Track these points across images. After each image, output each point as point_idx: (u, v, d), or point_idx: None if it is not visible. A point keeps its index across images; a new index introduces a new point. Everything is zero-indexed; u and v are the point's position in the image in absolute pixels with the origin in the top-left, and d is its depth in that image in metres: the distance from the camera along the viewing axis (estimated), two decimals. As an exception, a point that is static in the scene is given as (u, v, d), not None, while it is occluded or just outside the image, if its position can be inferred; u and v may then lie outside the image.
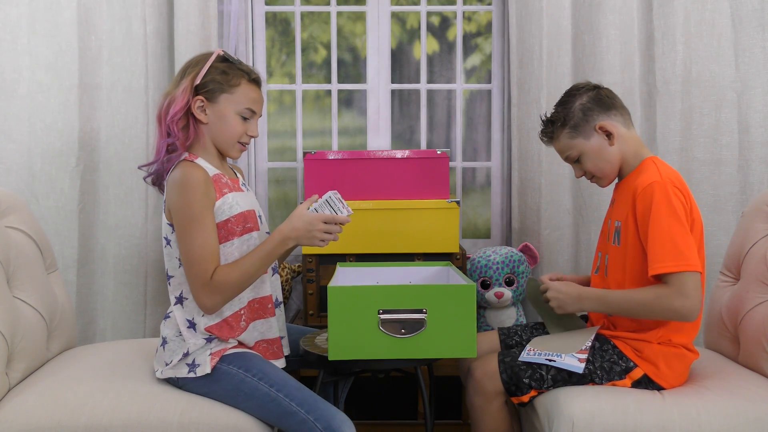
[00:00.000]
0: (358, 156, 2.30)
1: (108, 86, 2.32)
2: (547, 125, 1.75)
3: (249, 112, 1.64)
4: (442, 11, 2.70)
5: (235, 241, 1.61)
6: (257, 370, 1.53)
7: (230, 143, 1.65)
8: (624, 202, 1.67)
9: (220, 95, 1.61)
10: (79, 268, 2.29)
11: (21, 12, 2.25)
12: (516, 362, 1.63)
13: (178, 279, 1.61)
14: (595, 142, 1.69)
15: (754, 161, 2.31)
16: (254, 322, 1.63)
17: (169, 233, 1.60)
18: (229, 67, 1.63)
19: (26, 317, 1.69)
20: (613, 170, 1.71)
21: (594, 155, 1.70)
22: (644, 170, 1.65)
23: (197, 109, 1.61)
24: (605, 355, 1.63)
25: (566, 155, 1.74)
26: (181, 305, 1.60)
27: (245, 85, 1.63)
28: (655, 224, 1.55)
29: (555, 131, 1.73)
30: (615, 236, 1.69)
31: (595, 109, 1.69)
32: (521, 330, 1.87)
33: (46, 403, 1.53)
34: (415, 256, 2.24)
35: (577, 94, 1.71)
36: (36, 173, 2.28)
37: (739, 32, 2.31)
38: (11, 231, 1.74)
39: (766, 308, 1.70)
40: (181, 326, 1.59)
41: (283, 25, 2.74)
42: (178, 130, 1.60)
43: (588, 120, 1.68)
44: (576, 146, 1.70)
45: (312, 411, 1.46)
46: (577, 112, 1.69)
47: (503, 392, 1.65)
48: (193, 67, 1.63)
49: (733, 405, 1.53)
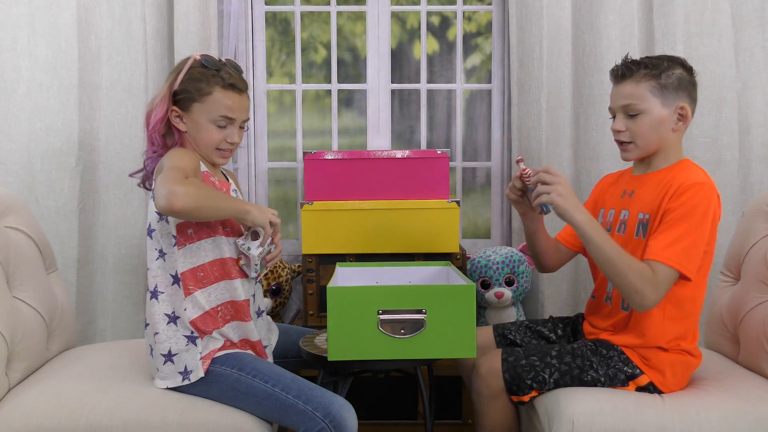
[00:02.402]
0: (358, 156, 2.30)
1: (108, 86, 2.32)
2: (636, 64, 1.62)
3: (224, 119, 1.61)
4: (442, 11, 2.70)
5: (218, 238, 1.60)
6: (250, 368, 1.53)
7: (209, 150, 1.64)
8: (655, 194, 1.61)
9: (191, 104, 1.60)
10: (79, 268, 2.29)
11: (21, 12, 2.25)
12: (519, 362, 1.63)
13: (154, 272, 1.59)
14: (666, 114, 1.61)
15: (754, 161, 2.31)
16: (234, 323, 1.62)
17: (154, 221, 1.58)
18: (203, 74, 1.60)
19: (26, 317, 1.69)
20: (653, 149, 1.64)
21: (655, 124, 1.61)
22: (688, 168, 1.61)
23: (175, 119, 1.61)
24: (611, 362, 1.62)
25: (630, 103, 1.62)
26: (156, 299, 1.58)
27: (219, 92, 1.60)
28: (683, 219, 1.53)
29: (640, 74, 1.61)
30: (639, 228, 1.64)
31: (688, 89, 1.63)
32: (515, 329, 1.86)
33: (46, 403, 1.53)
34: (415, 256, 2.24)
35: (680, 65, 1.64)
36: (36, 173, 2.28)
37: (740, 32, 2.31)
38: (11, 231, 1.74)
39: (766, 308, 1.69)
40: (159, 325, 1.57)
41: (283, 25, 2.74)
42: (160, 138, 1.62)
43: (678, 92, 1.61)
44: (649, 103, 1.60)
45: (310, 401, 1.46)
46: (673, 78, 1.61)
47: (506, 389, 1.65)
48: (172, 72, 1.64)
49: (733, 405, 1.53)
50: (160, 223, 1.58)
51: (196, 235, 1.58)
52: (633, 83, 1.62)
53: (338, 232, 2.23)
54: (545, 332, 1.84)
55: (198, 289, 1.58)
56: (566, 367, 1.61)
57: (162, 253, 1.59)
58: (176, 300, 1.58)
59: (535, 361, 1.63)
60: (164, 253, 1.58)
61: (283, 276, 2.37)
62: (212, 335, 1.58)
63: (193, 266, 1.58)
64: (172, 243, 1.57)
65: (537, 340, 1.84)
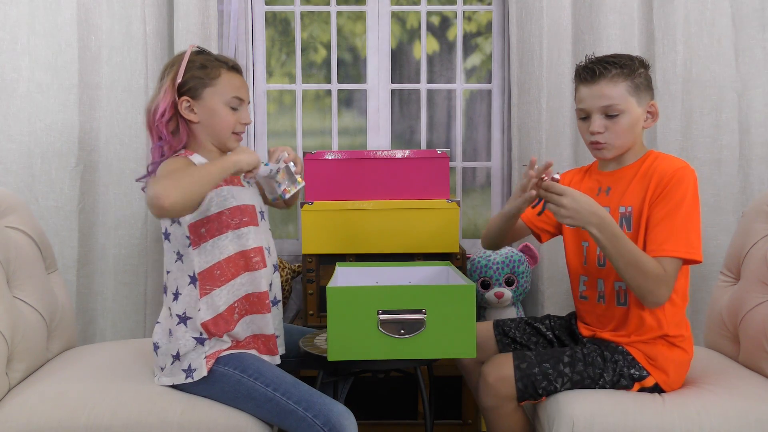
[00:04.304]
0: (358, 156, 2.30)
1: (108, 86, 2.32)
2: (609, 64, 1.63)
3: (236, 100, 1.63)
4: (442, 11, 2.70)
5: (229, 234, 1.61)
6: (253, 370, 1.53)
7: (225, 135, 1.64)
8: (637, 187, 1.64)
9: (203, 90, 1.60)
10: (79, 268, 2.29)
11: (21, 12, 2.25)
12: (532, 371, 1.61)
13: (174, 274, 1.60)
14: (640, 112, 1.65)
15: (754, 161, 2.31)
16: (248, 317, 1.63)
17: (168, 225, 1.60)
18: (206, 60, 1.62)
19: (26, 317, 1.69)
20: (627, 147, 1.67)
21: (633, 123, 1.64)
22: (661, 156, 1.65)
23: (185, 110, 1.60)
24: (616, 366, 1.61)
25: (611, 103, 1.62)
26: (176, 300, 1.59)
27: (226, 74, 1.62)
28: (678, 208, 1.55)
29: (613, 74, 1.62)
30: (622, 222, 1.65)
31: (651, 87, 1.68)
32: (515, 325, 1.86)
33: (46, 403, 1.53)
34: (415, 256, 2.24)
35: (642, 63, 1.66)
36: (36, 173, 2.28)
37: (740, 32, 2.31)
38: (11, 231, 1.74)
39: (766, 308, 1.69)
40: (171, 326, 1.59)
41: (283, 24, 2.74)
42: (168, 133, 1.60)
43: (647, 90, 1.66)
44: (628, 103, 1.62)
45: (310, 407, 1.46)
46: (642, 77, 1.64)
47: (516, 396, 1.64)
48: (170, 68, 1.63)
49: (733, 405, 1.53)
50: (173, 227, 1.59)
51: (208, 233, 1.59)
52: (610, 84, 1.62)
53: (338, 232, 2.23)
54: (542, 329, 1.84)
55: (216, 288, 1.59)
56: (578, 377, 1.61)
57: (179, 255, 1.60)
58: (191, 301, 1.58)
59: (548, 368, 1.61)
60: (181, 254, 1.60)
61: (283, 276, 2.37)
62: (222, 338, 1.59)
63: (209, 264, 1.58)
64: (187, 244, 1.58)
65: (537, 338, 1.83)
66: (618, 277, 1.63)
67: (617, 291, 1.66)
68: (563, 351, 1.66)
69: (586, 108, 1.67)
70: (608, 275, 1.67)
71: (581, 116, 1.70)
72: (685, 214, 1.55)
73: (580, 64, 1.70)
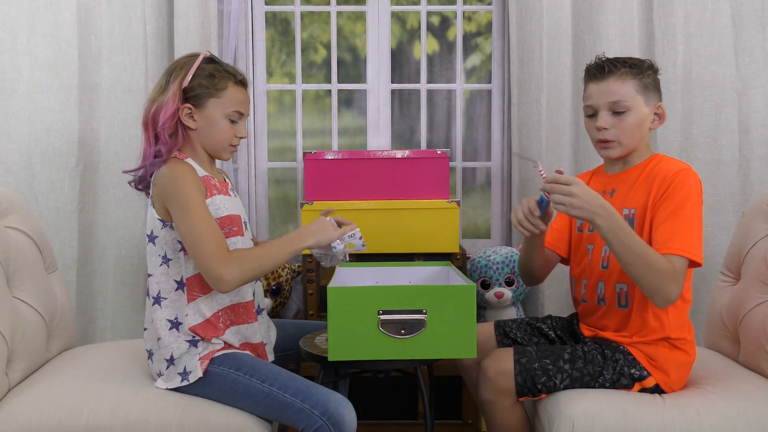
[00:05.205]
0: (358, 156, 2.30)
1: (108, 86, 2.32)
2: (619, 62, 1.64)
3: (237, 114, 1.63)
4: (442, 11, 2.70)
5: None
6: (248, 368, 1.53)
7: (221, 147, 1.64)
8: (640, 189, 1.64)
9: (208, 100, 1.60)
10: (79, 268, 2.29)
11: (21, 12, 2.25)
12: (532, 365, 1.61)
13: (157, 278, 1.59)
14: (647, 112, 1.65)
15: (754, 161, 2.31)
16: (234, 327, 1.63)
17: (157, 228, 1.58)
18: (216, 70, 1.61)
19: (26, 317, 1.69)
20: (633, 146, 1.67)
21: (640, 121, 1.64)
22: (666, 159, 1.66)
23: (185, 116, 1.59)
24: (616, 365, 1.61)
25: (619, 99, 1.62)
26: (159, 305, 1.58)
27: (232, 87, 1.62)
28: (681, 208, 1.55)
29: (622, 72, 1.63)
30: None
31: (659, 90, 1.69)
32: (516, 326, 1.86)
33: (46, 403, 1.53)
34: (415, 256, 2.24)
35: (651, 67, 1.67)
36: (36, 173, 2.28)
37: (740, 32, 2.31)
38: (11, 231, 1.74)
39: (766, 308, 1.69)
40: (161, 330, 1.57)
41: (283, 24, 2.74)
42: (167, 137, 1.59)
43: (655, 92, 1.67)
44: (635, 100, 1.63)
45: (307, 399, 1.46)
46: (651, 78, 1.66)
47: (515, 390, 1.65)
48: (179, 69, 1.60)
49: (733, 405, 1.52)
50: (164, 230, 1.58)
51: None
52: (618, 81, 1.63)
53: (338, 232, 2.23)
54: (545, 329, 1.84)
55: (202, 295, 1.58)
56: (578, 374, 1.60)
57: (166, 259, 1.59)
58: (179, 306, 1.58)
59: (548, 364, 1.61)
60: (169, 258, 1.58)
61: (283, 276, 2.37)
62: (212, 342, 1.59)
63: (198, 271, 1.57)
64: (178, 249, 1.58)
65: (538, 338, 1.83)
66: (619, 279, 1.64)
67: (618, 293, 1.66)
68: (564, 348, 1.66)
69: (594, 104, 1.67)
70: (609, 277, 1.67)
71: (588, 113, 1.70)
72: (688, 216, 1.55)
73: (591, 63, 1.71)
